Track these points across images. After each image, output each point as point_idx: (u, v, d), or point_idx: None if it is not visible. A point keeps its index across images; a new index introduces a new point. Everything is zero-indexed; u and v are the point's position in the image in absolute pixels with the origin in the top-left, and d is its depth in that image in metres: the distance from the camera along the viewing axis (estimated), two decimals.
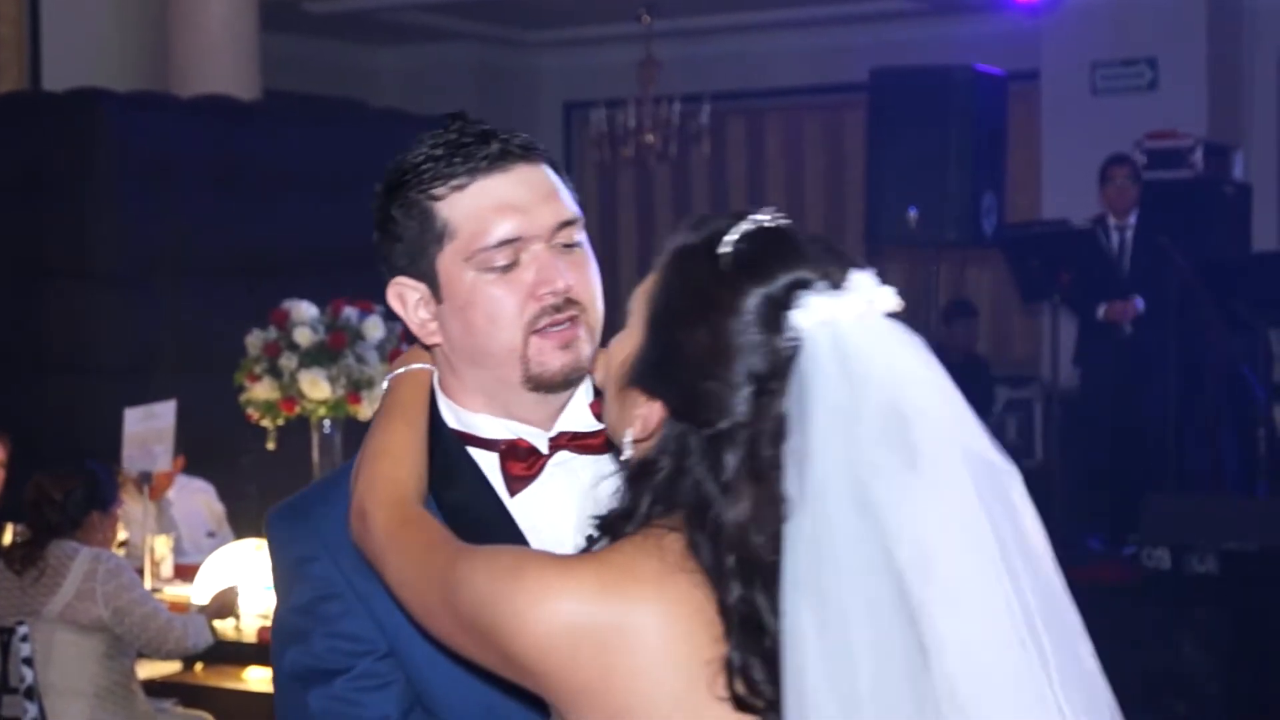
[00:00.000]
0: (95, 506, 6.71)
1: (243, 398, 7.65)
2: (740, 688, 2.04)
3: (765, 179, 15.89)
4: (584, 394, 2.50)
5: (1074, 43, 13.01)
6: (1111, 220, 11.15)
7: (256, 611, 7.16)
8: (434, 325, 2.50)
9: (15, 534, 6.82)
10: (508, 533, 2.43)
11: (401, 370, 2.56)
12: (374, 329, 7.66)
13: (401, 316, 2.53)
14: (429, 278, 2.47)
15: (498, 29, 15.44)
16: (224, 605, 6.97)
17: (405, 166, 2.47)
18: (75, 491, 6.59)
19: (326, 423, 7.68)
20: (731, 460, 2.07)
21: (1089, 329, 11.22)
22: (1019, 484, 2.09)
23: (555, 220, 2.44)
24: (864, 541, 1.98)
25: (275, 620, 2.55)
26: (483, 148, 2.44)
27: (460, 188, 2.43)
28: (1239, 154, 13.08)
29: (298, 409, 7.58)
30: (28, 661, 6.32)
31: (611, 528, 2.18)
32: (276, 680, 2.54)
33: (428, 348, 2.56)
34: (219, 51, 11.99)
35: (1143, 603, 9.25)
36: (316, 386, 7.50)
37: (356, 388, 7.57)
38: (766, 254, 2.11)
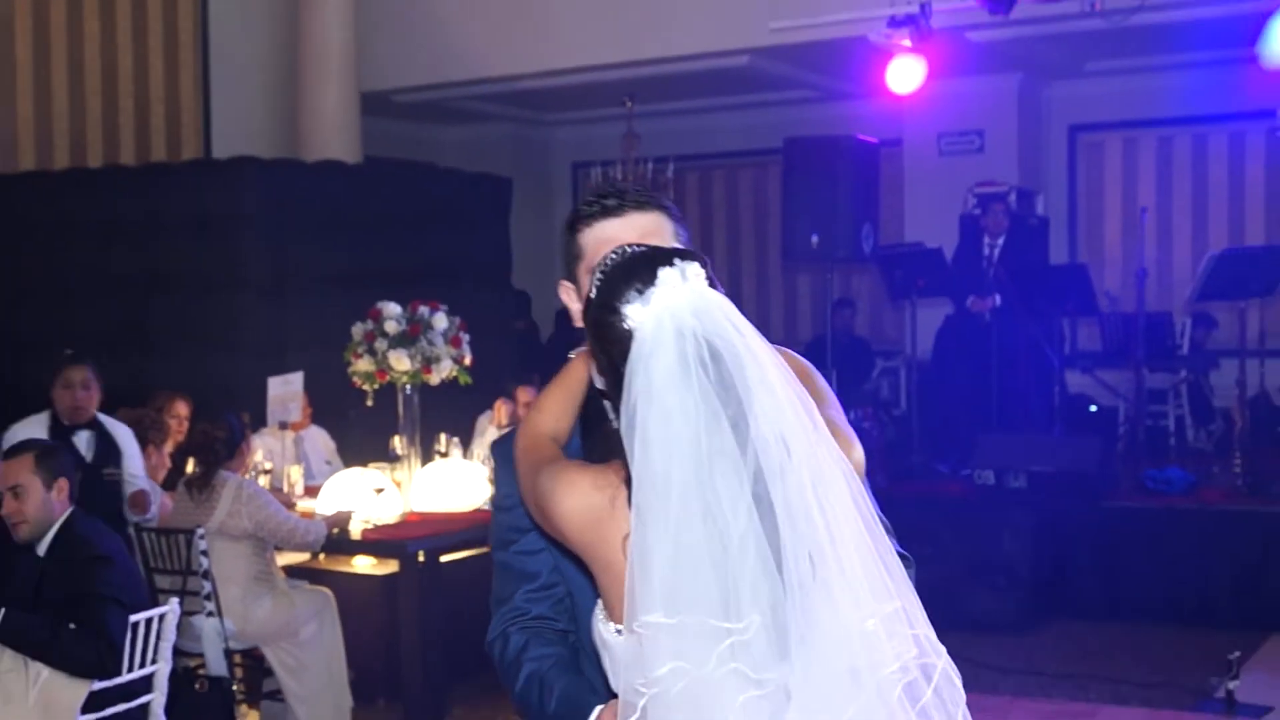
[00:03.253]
0: (241, 439, 6.76)
1: (350, 370, 7.63)
2: None
3: (713, 218, 15.84)
4: None
5: (926, 119, 12.98)
6: (986, 239, 11.10)
7: (361, 519, 7.16)
8: (580, 315, 2.52)
9: (195, 467, 6.83)
10: None
11: (576, 353, 2.59)
12: (440, 321, 7.65)
13: (568, 306, 2.57)
14: (576, 282, 2.52)
15: (526, 112, 15.40)
16: (339, 520, 6.97)
17: (576, 208, 2.55)
18: (227, 431, 6.62)
19: (408, 387, 7.67)
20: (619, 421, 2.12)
21: (958, 315, 11.17)
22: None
23: None
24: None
25: (491, 507, 2.67)
26: (607, 200, 2.49)
27: (589, 224, 2.48)
28: (1040, 196, 13.10)
29: (388, 377, 7.57)
30: (204, 554, 6.32)
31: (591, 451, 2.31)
32: (491, 543, 2.66)
33: None
34: (333, 129, 11.99)
35: (975, 509, 9.25)
36: (400, 361, 7.49)
37: (428, 362, 7.56)
38: (603, 289, 2.18)
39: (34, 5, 11.32)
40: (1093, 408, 12.03)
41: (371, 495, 7.28)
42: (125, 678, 5.07)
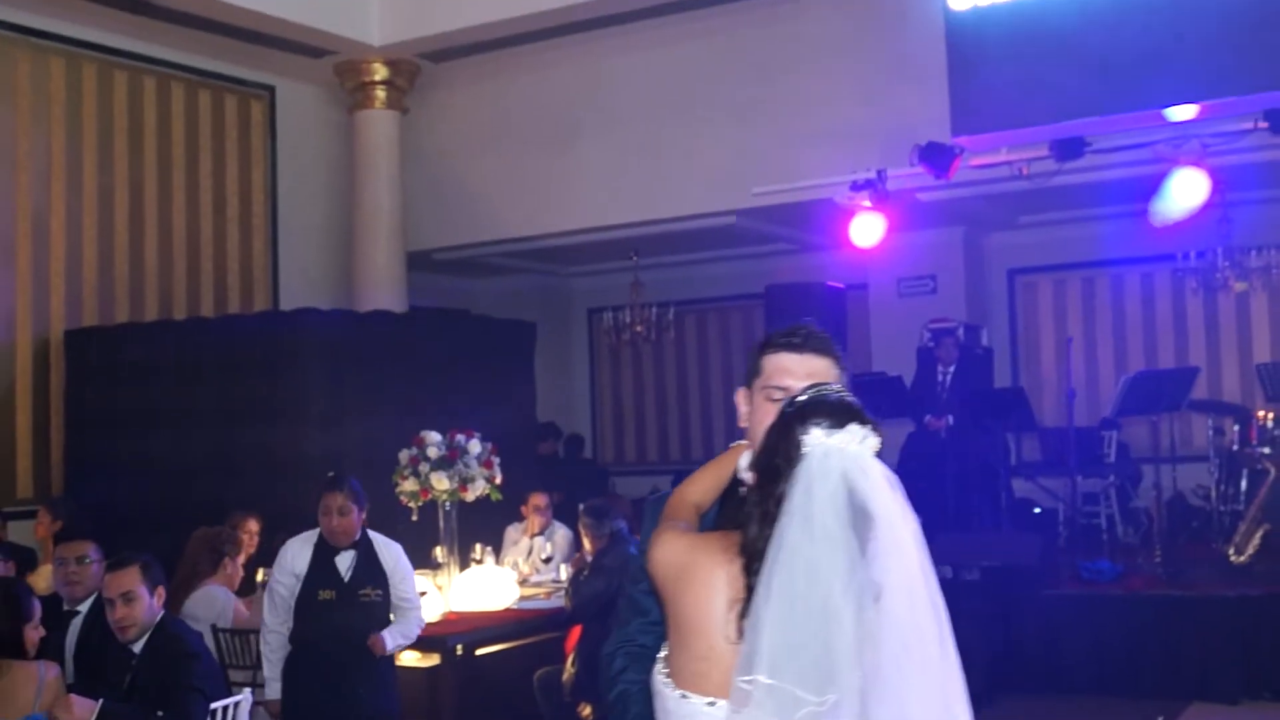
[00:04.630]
0: None
1: (397, 490, 7.69)
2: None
3: (708, 352, 15.93)
4: None
5: (886, 267, 13.04)
6: (940, 367, 11.22)
7: None
8: (746, 418, 2.61)
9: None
10: None
11: (735, 444, 2.68)
12: (475, 447, 7.72)
13: (738, 408, 2.65)
14: (750, 391, 2.61)
15: (548, 266, 15.58)
16: None
17: (770, 334, 2.64)
18: None
19: (447, 504, 7.71)
20: (759, 506, 2.25)
21: (918, 433, 11.24)
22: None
23: None
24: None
25: (636, 550, 2.74)
26: (794, 338, 2.59)
27: (775, 352, 2.58)
28: (984, 330, 13.20)
29: (430, 495, 7.62)
30: None
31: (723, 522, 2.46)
32: (625, 580, 2.77)
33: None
34: (382, 283, 12.11)
35: None
36: (440, 482, 7.55)
37: (464, 482, 7.60)
38: (805, 407, 2.30)
39: (130, 181, 11.57)
40: (1036, 509, 12.03)
41: None
42: None
